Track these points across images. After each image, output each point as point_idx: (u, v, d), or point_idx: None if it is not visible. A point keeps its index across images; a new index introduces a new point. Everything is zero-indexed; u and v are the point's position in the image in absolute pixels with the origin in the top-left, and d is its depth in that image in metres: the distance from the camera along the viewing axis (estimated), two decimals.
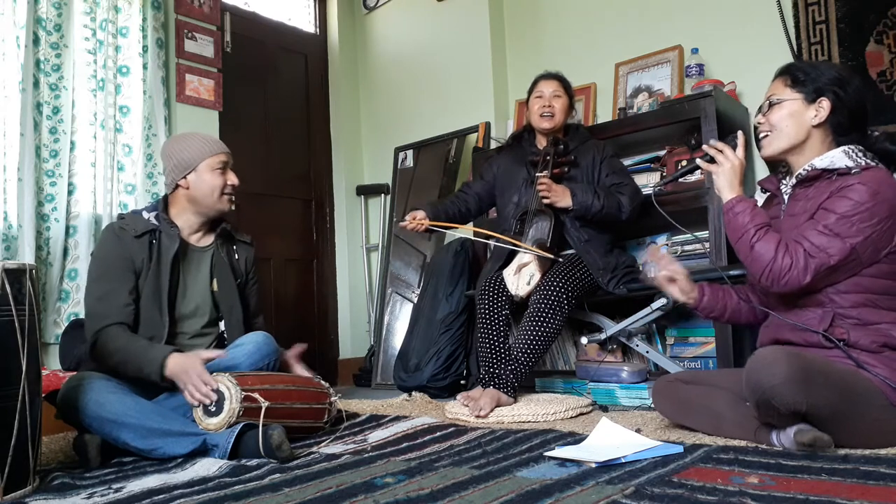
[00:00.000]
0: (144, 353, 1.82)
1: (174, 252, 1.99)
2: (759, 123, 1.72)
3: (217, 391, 1.75)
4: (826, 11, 2.67)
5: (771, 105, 1.68)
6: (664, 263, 1.87)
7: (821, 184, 1.62)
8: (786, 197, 1.74)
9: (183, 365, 1.78)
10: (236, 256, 2.20)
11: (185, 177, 2.04)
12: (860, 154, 1.60)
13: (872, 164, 1.58)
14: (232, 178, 2.10)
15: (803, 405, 1.40)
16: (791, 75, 1.68)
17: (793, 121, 1.65)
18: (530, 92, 2.66)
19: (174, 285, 2.00)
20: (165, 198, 2.11)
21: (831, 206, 1.55)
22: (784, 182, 1.77)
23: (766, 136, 1.70)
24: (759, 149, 1.73)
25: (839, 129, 1.64)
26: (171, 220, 2.04)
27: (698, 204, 2.52)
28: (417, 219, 2.53)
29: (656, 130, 2.77)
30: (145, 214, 2.04)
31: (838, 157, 1.60)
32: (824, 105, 1.63)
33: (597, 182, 2.54)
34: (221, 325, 2.11)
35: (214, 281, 2.10)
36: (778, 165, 1.81)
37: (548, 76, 2.65)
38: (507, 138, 2.92)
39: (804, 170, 1.65)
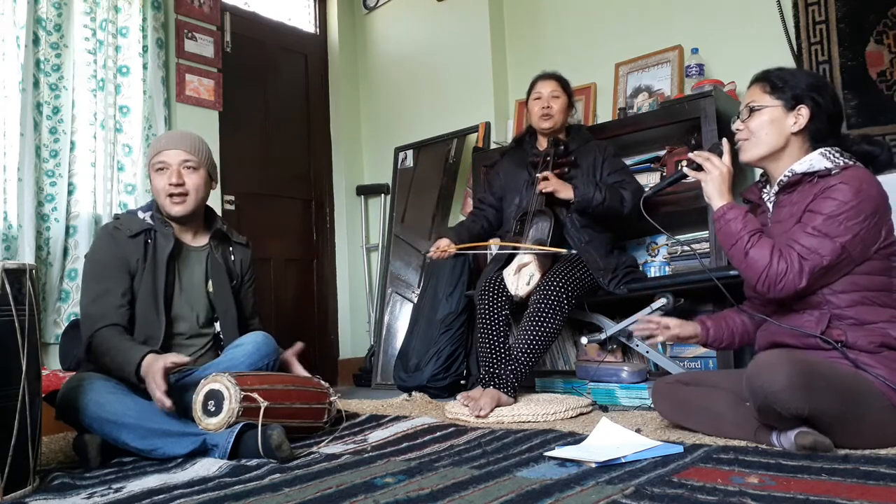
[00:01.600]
0: (126, 353, 1.81)
1: (169, 251, 1.99)
2: (737, 129, 1.72)
3: (214, 391, 1.75)
4: (826, 11, 2.67)
5: (752, 111, 1.68)
6: (651, 328, 1.88)
7: (803, 188, 1.63)
8: (770, 205, 1.75)
9: (149, 367, 1.75)
10: (232, 258, 2.19)
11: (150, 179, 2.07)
12: (837, 155, 1.61)
13: (851, 163, 1.59)
14: (171, 178, 1.98)
15: (805, 410, 1.40)
16: (770, 82, 1.68)
17: (773, 128, 1.66)
18: (529, 93, 2.67)
19: (170, 285, 2.00)
20: None
21: (817, 208, 1.56)
22: (766, 191, 1.77)
23: (745, 142, 1.70)
24: (738, 154, 1.73)
25: (817, 136, 1.65)
26: (165, 220, 2.04)
27: (698, 204, 2.52)
28: (441, 247, 2.50)
29: (656, 130, 2.77)
30: (140, 214, 2.04)
31: (817, 160, 1.61)
32: (803, 112, 1.64)
33: (599, 181, 2.54)
34: (217, 325, 2.11)
35: (210, 282, 2.10)
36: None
37: (545, 76, 2.65)
38: (511, 142, 2.92)
39: (785, 176, 1.66)
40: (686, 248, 2.62)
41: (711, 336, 1.85)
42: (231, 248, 2.20)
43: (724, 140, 1.74)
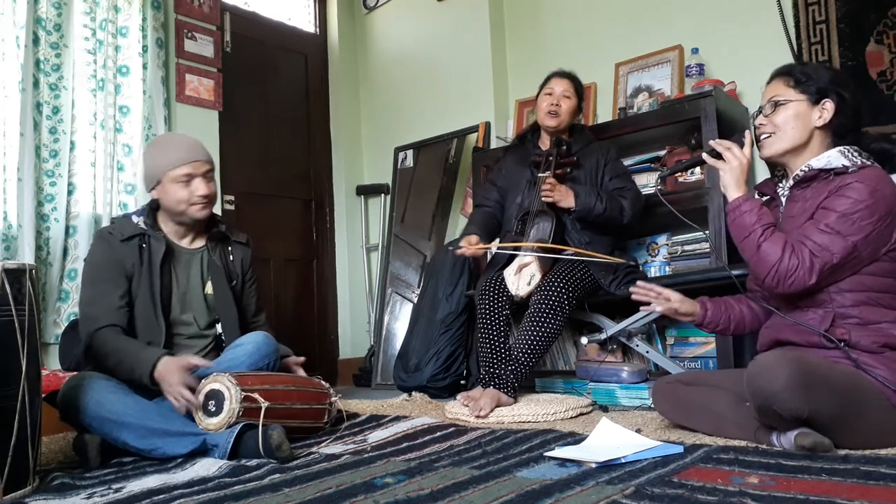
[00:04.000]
0: (136, 355, 1.81)
1: (161, 255, 1.99)
2: (760, 125, 1.71)
3: (215, 391, 1.75)
4: (826, 11, 2.67)
5: (776, 105, 1.68)
6: (651, 297, 1.87)
7: (818, 184, 1.62)
8: (783, 200, 1.74)
9: (167, 368, 1.76)
10: (231, 258, 2.19)
11: (153, 189, 2.04)
12: (856, 154, 1.60)
13: (868, 163, 1.59)
14: (200, 189, 2.01)
15: (805, 411, 1.40)
16: (793, 76, 1.68)
17: (798, 122, 1.65)
18: (541, 87, 2.65)
19: (166, 288, 2.00)
20: (155, 201, 2.11)
21: (831, 205, 1.55)
22: (781, 185, 1.77)
23: (769, 136, 1.69)
24: (759, 149, 1.73)
25: (840, 131, 1.65)
26: (156, 225, 2.04)
27: (698, 204, 2.52)
28: (473, 243, 2.47)
29: (656, 130, 2.77)
30: (135, 218, 2.04)
31: (835, 157, 1.61)
32: (828, 107, 1.63)
33: (600, 185, 2.54)
34: (218, 327, 2.11)
35: (208, 284, 2.10)
36: (777, 167, 1.81)
37: (561, 74, 2.64)
38: (514, 138, 2.91)
39: (801, 171, 1.66)
40: (696, 245, 2.62)
41: (708, 317, 1.83)
42: (230, 248, 2.20)
43: (747, 132, 1.73)
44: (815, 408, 1.41)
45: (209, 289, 2.10)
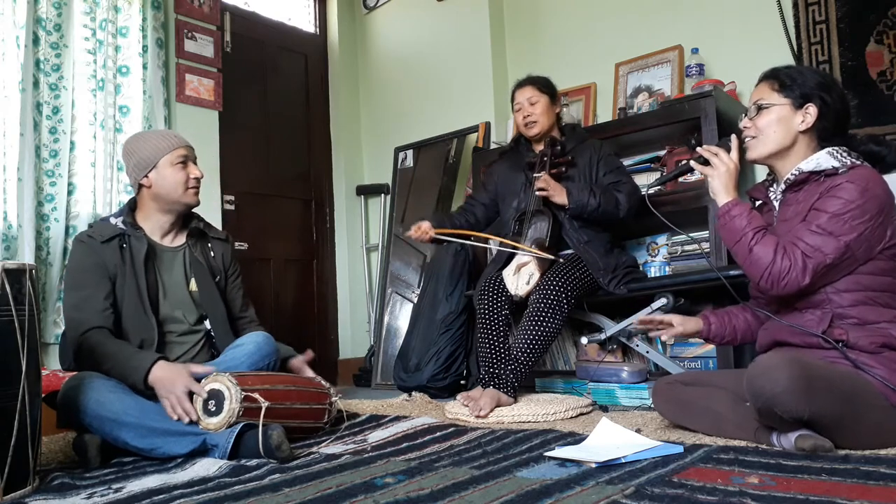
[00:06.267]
0: (128, 360, 1.80)
1: (144, 254, 1.99)
2: (745, 127, 1.72)
3: (215, 391, 1.75)
4: (826, 11, 2.67)
5: (760, 109, 1.68)
6: (654, 326, 1.89)
7: (810, 186, 1.63)
8: (776, 204, 1.75)
9: (171, 375, 1.76)
10: (212, 254, 2.19)
11: (146, 175, 2.03)
12: (844, 154, 1.61)
13: (858, 162, 1.59)
14: (194, 172, 2.07)
15: (805, 412, 1.40)
16: (778, 80, 1.68)
17: (780, 126, 1.66)
18: (512, 103, 2.67)
19: (152, 286, 2.00)
20: (133, 201, 2.11)
21: (822, 206, 1.56)
22: (772, 189, 1.77)
23: (753, 139, 1.70)
24: (746, 152, 1.73)
25: (824, 135, 1.65)
26: (135, 224, 2.04)
27: (698, 204, 2.52)
28: (422, 229, 2.53)
29: (656, 130, 2.77)
30: (113, 220, 2.03)
31: (824, 159, 1.61)
32: (811, 111, 1.64)
33: (594, 181, 2.54)
34: (207, 323, 2.10)
35: (192, 281, 2.10)
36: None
37: (520, 84, 2.65)
38: (509, 142, 2.92)
39: (792, 174, 1.66)
40: (695, 245, 2.62)
41: (713, 331, 1.85)
42: (210, 245, 2.20)
43: (734, 136, 1.74)
44: (817, 410, 1.40)
45: (193, 286, 2.09)
